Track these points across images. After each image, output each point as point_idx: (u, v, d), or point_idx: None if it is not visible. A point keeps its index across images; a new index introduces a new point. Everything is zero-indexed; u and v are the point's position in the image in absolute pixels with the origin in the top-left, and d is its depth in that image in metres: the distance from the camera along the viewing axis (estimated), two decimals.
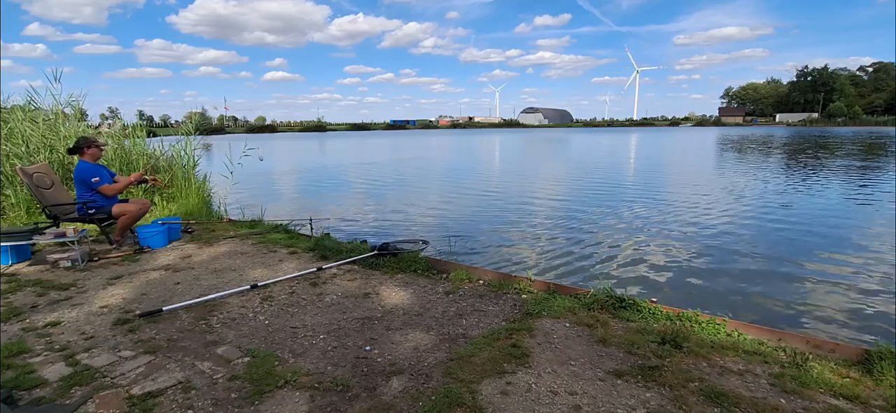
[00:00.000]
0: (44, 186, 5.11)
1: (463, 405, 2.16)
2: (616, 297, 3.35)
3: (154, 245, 4.99)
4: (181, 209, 6.99)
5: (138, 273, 4.21)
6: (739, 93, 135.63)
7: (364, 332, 2.98)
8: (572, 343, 2.79)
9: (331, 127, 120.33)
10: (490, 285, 3.82)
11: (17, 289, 3.80)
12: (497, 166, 21.25)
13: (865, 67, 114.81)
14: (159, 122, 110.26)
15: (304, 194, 12.84)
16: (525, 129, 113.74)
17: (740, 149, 29.21)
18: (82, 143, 5.03)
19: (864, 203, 9.92)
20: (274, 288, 3.78)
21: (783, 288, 4.93)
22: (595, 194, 11.55)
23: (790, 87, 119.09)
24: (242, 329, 3.03)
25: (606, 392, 2.28)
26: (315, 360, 2.61)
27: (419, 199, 11.52)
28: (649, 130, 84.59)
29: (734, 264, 5.70)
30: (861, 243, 6.64)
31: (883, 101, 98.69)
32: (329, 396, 2.26)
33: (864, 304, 4.48)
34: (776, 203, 9.92)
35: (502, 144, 40.75)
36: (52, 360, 2.61)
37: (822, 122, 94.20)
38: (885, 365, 2.46)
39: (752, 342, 2.85)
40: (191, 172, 7.98)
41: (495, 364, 2.52)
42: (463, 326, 3.05)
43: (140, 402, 2.20)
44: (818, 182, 13.15)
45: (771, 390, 2.28)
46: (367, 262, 4.44)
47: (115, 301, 3.52)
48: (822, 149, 27.36)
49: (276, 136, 72.30)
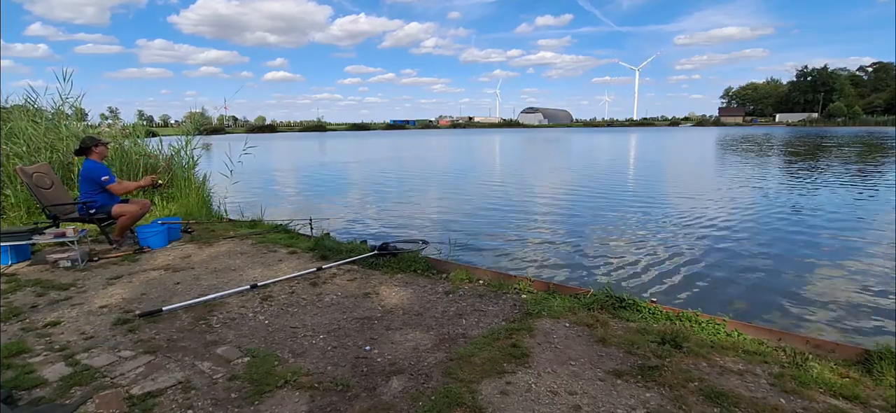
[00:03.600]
0: (43, 186, 5.11)
1: (463, 405, 2.16)
2: (616, 297, 3.36)
3: (154, 245, 4.99)
4: (181, 209, 6.99)
5: (138, 273, 4.21)
6: (739, 93, 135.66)
7: (364, 331, 2.98)
8: (572, 343, 2.79)
9: (330, 127, 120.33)
10: (490, 285, 3.82)
11: (17, 289, 3.80)
12: (497, 166, 21.25)
13: (865, 67, 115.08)
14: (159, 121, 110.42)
15: (304, 194, 12.84)
16: (524, 129, 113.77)
17: (740, 149, 29.21)
18: (90, 142, 5.06)
19: (863, 203, 9.92)
20: (274, 288, 3.78)
21: (783, 288, 4.93)
22: (595, 194, 11.55)
23: (790, 86, 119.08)
24: (242, 329, 3.03)
25: (606, 392, 2.28)
26: (315, 360, 2.61)
27: (419, 199, 11.52)
28: (649, 130, 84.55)
29: (734, 264, 5.70)
30: (861, 243, 6.65)
31: (883, 101, 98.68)
32: (329, 396, 2.26)
33: (864, 303, 4.48)
34: (776, 203, 9.92)
35: (501, 144, 40.74)
36: (51, 360, 2.61)
37: (822, 122, 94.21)
38: (885, 365, 2.46)
39: (752, 342, 2.85)
40: (190, 172, 7.98)
41: (495, 364, 2.52)
42: (463, 326, 3.05)
43: (140, 402, 2.20)
44: (818, 182, 13.15)
45: (771, 390, 2.28)
46: (367, 262, 4.44)
47: (114, 301, 3.52)
48: (822, 149, 27.36)
49: (276, 136, 72.30)
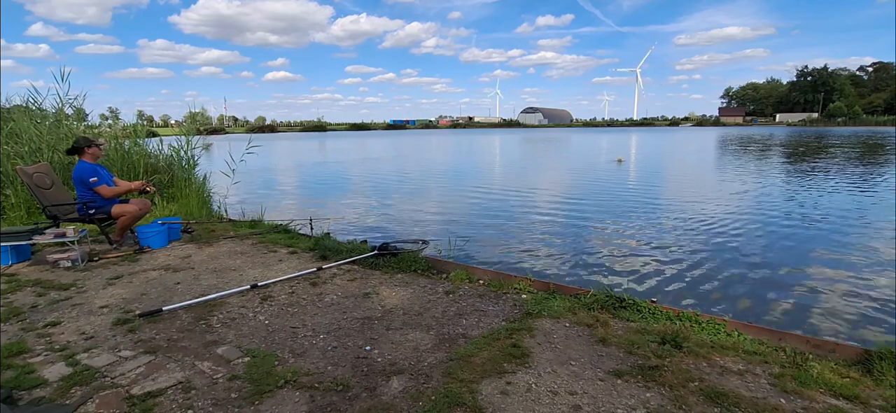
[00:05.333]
0: (43, 186, 5.11)
1: (463, 405, 2.16)
2: (616, 297, 3.36)
3: (154, 245, 4.99)
4: (181, 209, 6.99)
5: (138, 273, 4.21)
6: (739, 93, 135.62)
7: (364, 331, 2.98)
8: (572, 343, 2.79)
9: (330, 127, 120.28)
10: (490, 285, 3.82)
11: (17, 289, 3.80)
12: (496, 166, 21.24)
13: (865, 67, 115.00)
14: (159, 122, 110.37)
15: (305, 194, 12.84)
16: (524, 128, 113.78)
17: (740, 149, 29.20)
18: (82, 142, 5.02)
19: (863, 203, 9.91)
20: (274, 288, 3.78)
21: (783, 288, 4.93)
22: (595, 194, 11.54)
23: (790, 86, 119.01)
24: (242, 329, 3.03)
25: (606, 392, 2.28)
26: (315, 360, 2.61)
27: (419, 198, 11.52)
28: (649, 130, 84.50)
29: (734, 264, 5.70)
30: (861, 243, 6.64)
31: (883, 101, 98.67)
32: (329, 396, 2.26)
33: (864, 303, 4.48)
34: (776, 203, 9.91)
35: (501, 144, 40.72)
36: (52, 360, 2.61)
37: (822, 122, 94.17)
38: (885, 365, 2.46)
39: (752, 342, 2.85)
40: (191, 172, 7.97)
41: (495, 364, 2.52)
42: (463, 326, 3.05)
43: (140, 402, 2.20)
44: (818, 182, 13.14)
45: (771, 390, 2.28)
46: (367, 262, 4.44)
47: (115, 301, 3.53)
48: (822, 149, 27.35)
49: (276, 136, 72.30)
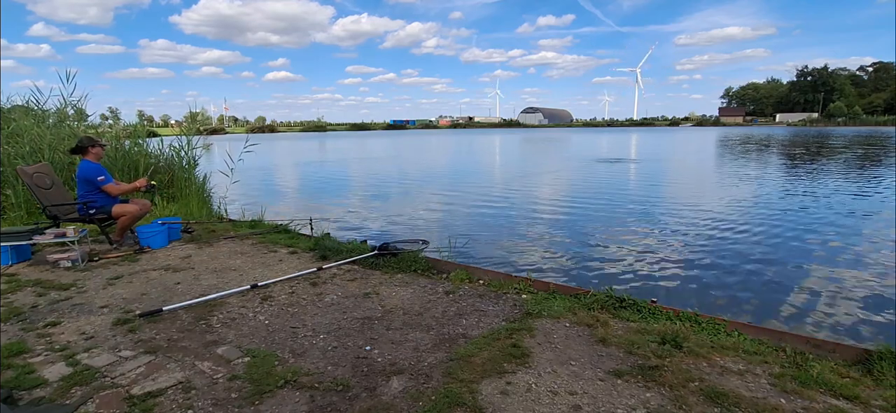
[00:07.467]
0: (43, 186, 5.11)
1: (463, 405, 2.16)
2: (616, 298, 3.35)
3: (154, 245, 4.99)
4: (181, 209, 6.99)
5: (138, 273, 4.21)
6: (740, 93, 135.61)
7: (364, 332, 2.98)
8: (572, 343, 2.79)
9: (330, 127, 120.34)
10: (490, 285, 3.82)
11: (17, 289, 3.80)
12: (496, 166, 21.24)
13: (865, 67, 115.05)
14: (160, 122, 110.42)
15: (305, 194, 12.84)
16: (524, 129, 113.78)
17: (740, 149, 29.20)
18: (86, 142, 5.06)
19: (863, 203, 9.91)
20: (274, 288, 3.78)
21: (784, 288, 4.92)
22: (595, 194, 11.54)
23: (790, 86, 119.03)
24: (242, 329, 3.03)
25: (606, 392, 2.28)
26: (315, 360, 2.61)
27: (419, 198, 11.52)
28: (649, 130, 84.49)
29: (734, 265, 5.70)
30: (861, 243, 6.64)
31: (883, 101, 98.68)
32: (329, 396, 2.26)
33: (864, 303, 4.47)
34: (776, 203, 9.91)
35: (501, 144, 40.71)
36: (52, 360, 2.61)
37: (822, 122, 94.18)
38: (885, 365, 2.46)
39: (752, 342, 2.84)
40: (191, 173, 7.97)
41: (495, 364, 2.52)
42: (463, 326, 3.05)
43: (140, 402, 2.20)
44: (818, 182, 13.14)
45: (771, 390, 2.28)
46: (367, 262, 4.44)
47: (115, 301, 3.53)
48: (822, 149, 27.34)
49: (276, 137, 72.32)
